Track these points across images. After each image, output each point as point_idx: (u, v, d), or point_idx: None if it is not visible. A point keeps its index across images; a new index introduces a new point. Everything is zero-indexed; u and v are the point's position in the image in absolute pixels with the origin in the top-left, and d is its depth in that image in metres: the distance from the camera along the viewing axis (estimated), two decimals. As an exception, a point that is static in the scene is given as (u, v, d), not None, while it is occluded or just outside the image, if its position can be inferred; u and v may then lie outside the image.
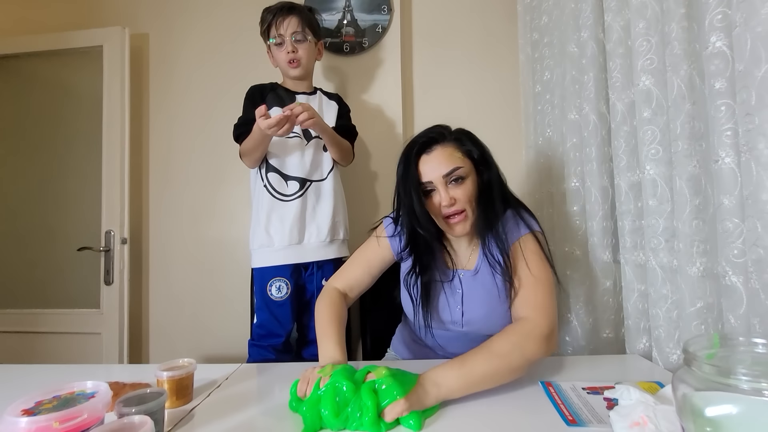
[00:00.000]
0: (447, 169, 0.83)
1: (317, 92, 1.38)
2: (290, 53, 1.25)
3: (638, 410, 0.56)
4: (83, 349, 1.67)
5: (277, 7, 1.26)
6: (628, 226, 0.96)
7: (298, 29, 1.25)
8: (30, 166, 1.83)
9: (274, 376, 0.88)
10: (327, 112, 1.36)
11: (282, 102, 1.28)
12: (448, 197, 0.83)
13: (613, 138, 0.99)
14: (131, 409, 0.58)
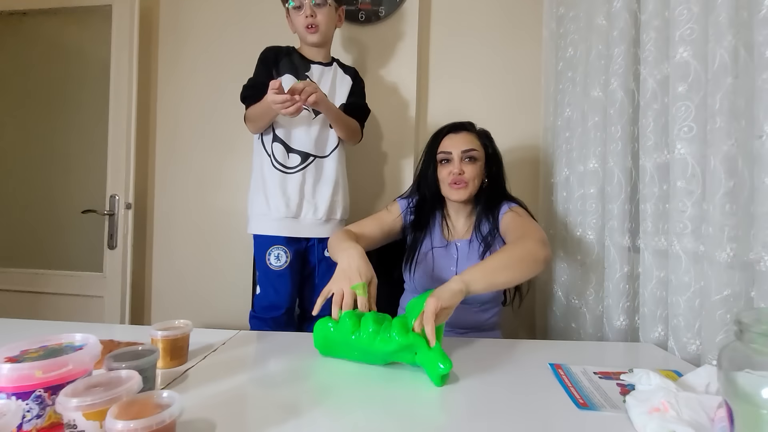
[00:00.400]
0: (467, 147, 1.04)
1: (333, 63, 1.32)
2: (309, 17, 1.19)
3: (658, 396, 0.52)
4: (86, 312, 1.67)
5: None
6: (650, 210, 0.91)
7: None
8: (34, 127, 1.81)
9: (272, 344, 0.85)
10: (340, 86, 1.30)
11: (296, 70, 1.23)
12: (460, 167, 1.03)
13: (641, 116, 0.93)
14: (121, 365, 0.55)
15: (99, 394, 0.45)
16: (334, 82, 1.29)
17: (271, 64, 1.23)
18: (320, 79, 1.26)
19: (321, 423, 0.54)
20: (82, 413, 0.43)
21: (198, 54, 1.74)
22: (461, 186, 1.03)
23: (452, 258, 1.06)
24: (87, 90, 1.76)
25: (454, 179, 1.02)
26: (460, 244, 1.07)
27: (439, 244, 1.08)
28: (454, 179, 1.02)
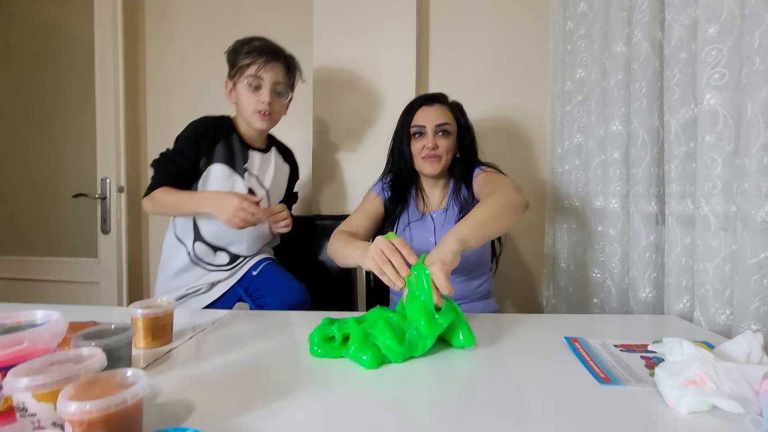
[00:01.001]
0: (441, 120, 1.02)
1: (272, 149, 1.17)
2: (265, 104, 1.03)
3: (693, 367, 0.45)
4: (82, 299, 1.64)
5: (264, 47, 1.04)
6: (675, 171, 0.83)
7: (283, 80, 1.06)
8: (21, 110, 1.75)
9: (262, 324, 0.80)
10: (279, 175, 1.17)
11: (232, 159, 1.06)
12: (433, 141, 1.01)
13: (666, 68, 0.84)
14: (90, 343, 0.50)
15: (54, 372, 0.39)
16: (277, 172, 1.15)
17: (203, 145, 1.04)
18: (259, 169, 1.11)
19: (307, 406, 0.48)
20: (32, 394, 0.38)
21: (187, 28, 1.66)
22: (435, 160, 1.02)
23: (429, 229, 1.05)
24: (74, 72, 1.69)
25: (427, 153, 1.01)
26: (436, 215, 1.06)
27: (414, 217, 1.07)
28: (428, 153, 1.01)
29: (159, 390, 0.51)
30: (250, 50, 1.03)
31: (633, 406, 0.47)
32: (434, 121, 1.02)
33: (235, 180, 1.07)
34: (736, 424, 0.42)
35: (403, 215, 1.07)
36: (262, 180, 1.12)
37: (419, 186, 1.10)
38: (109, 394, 0.37)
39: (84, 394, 0.37)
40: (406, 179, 1.08)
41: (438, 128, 1.02)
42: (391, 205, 1.07)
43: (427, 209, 1.08)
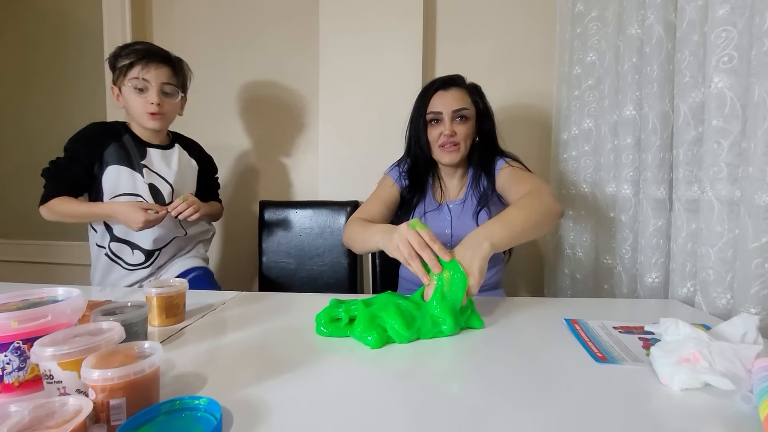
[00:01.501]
0: (458, 105, 0.97)
1: (175, 145, 1.16)
2: (153, 104, 1.03)
3: (688, 346, 0.47)
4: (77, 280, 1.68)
5: (146, 49, 1.03)
6: (683, 156, 0.82)
7: (170, 81, 1.05)
8: (31, 100, 1.78)
9: (272, 305, 0.83)
10: (184, 169, 1.16)
11: (128, 159, 1.06)
12: (451, 128, 0.97)
13: (677, 50, 0.83)
14: (109, 318, 0.53)
15: (77, 343, 0.42)
16: (179, 168, 1.14)
17: (93, 148, 1.04)
18: (160, 166, 1.10)
19: (313, 379, 0.51)
20: (57, 363, 0.40)
21: (194, 19, 1.66)
22: (453, 149, 0.98)
23: (445, 220, 1.02)
24: (84, 62, 1.71)
25: (444, 141, 0.97)
26: (453, 206, 1.03)
27: (431, 207, 1.03)
28: (445, 141, 0.97)
29: (174, 363, 0.54)
30: (130, 52, 1.02)
31: (627, 383, 0.48)
32: (451, 106, 0.96)
33: (135, 178, 1.06)
34: (727, 400, 0.43)
35: (420, 205, 1.04)
36: (164, 175, 1.10)
37: (437, 174, 1.07)
38: (129, 363, 0.40)
39: (105, 363, 0.40)
40: (424, 168, 1.04)
41: (455, 114, 0.96)
42: (409, 194, 1.04)
43: (444, 199, 1.05)
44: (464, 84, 1.02)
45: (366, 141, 1.51)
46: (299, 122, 1.65)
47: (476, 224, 0.97)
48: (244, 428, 0.39)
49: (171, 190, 1.11)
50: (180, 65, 1.10)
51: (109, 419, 0.38)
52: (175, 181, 1.12)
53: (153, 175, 1.09)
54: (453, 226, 1.01)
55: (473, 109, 1.00)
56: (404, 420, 0.41)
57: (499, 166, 1.00)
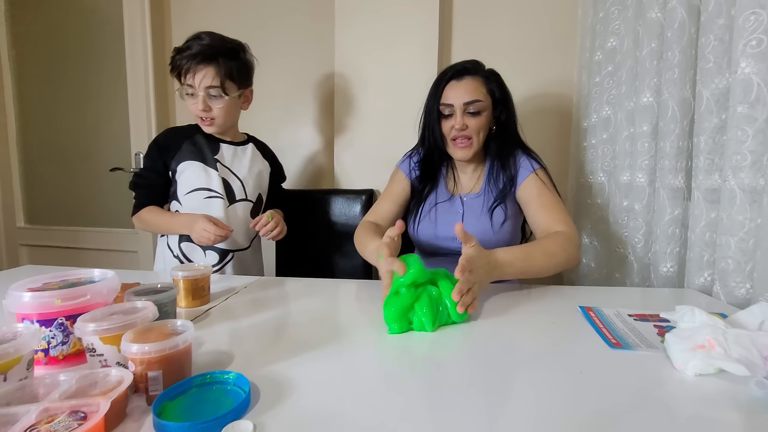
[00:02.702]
0: (470, 98, 0.93)
1: (248, 143, 1.15)
2: (201, 111, 1.01)
3: (703, 333, 0.47)
4: (122, 265, 1.75)
5: (191, 53, 0.98)
6: (704, 143, 0.81)
7: (214, 83, 0.99)
8: (62, 89, 1.84)
9: (292, 288, 0.85)
10: (255, 167, 1.14)
11: (201, 154, 1.06)
12: (462, 122, 0.93)
13: (701, 35, 0.81)
14: (141, 298, 0.56)
15: (116, 320, 0.45)
16: (252, 167, 1.13)
17: (168, 151, 1.05)
18: (232, 161, 1.10)
19: (334, 358, 0.53)
20: (99, 337, 0.43)
21: (212, 9, 1.68)
22: (464, 144, 0.95)
23: (457, 213, 0.99)
24: (106, 49, 1.75)
25: (454, 135, 0.94)
26: (467, 198, 1.00)
27: (443, 198, 1.01)
28: (454, 135, 0.94)
29: (202, 341, 0.57)
30: (177, 57, 1.00)
31: (641, 369, 0.49)
32: (462, 98, 0.92)
33: (209, 173, 1.06)
34: (741, 386, 0.44)
35: (432, 195, 1.01)
36: (235, 170, 1.10)
37: (451, 165, 1.04)
38: (163, 339, 0.42)
39: (142, 338, 0.43)
40: (437, 158, 1.01)
41: (467, 107, 0.92)
42: (420, 185, 1.02)
43: (458, 191, 1.02)
44: (480, 71, 0.96)
45: (382, 129, 1.51)
46: (315, 112, 1.67)
47: (490, 221, 0.96)
48: (270, 402, 0.42)
49: (241, 185, 1.10)
50: (229, 61, 1.01)
51: (148, 390, 0.41)
52: (245, 177, 1.11)
53: (225, 170, 1.08)
54: (465, 220, 0.99)
55: (488, 100, 0.95)
56: (421, 399, 0.43)
57: (525, 170, 0.96)
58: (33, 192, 1.94)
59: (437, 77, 0.99)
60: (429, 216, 1.00)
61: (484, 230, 0.96)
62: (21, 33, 1.86)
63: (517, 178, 0.97)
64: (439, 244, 1.00)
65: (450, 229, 0.97)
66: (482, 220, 0.97)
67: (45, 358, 0.48)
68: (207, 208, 1.05)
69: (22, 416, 0.34)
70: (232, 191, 1.09)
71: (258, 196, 1.16)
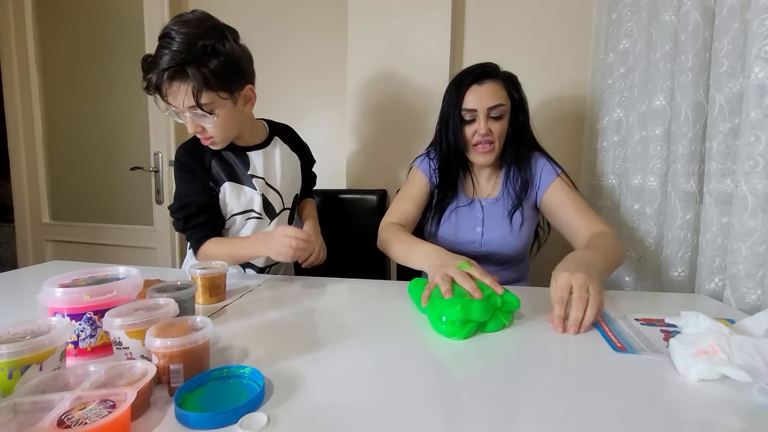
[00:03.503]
0: (493, 102, 0.92)
1: (274, 139, 1.04)
2: (195, 133, 0.88)
3: (707, 339, 0.48)
4: (141, 261, 1.82)
5: (159, 69, 0.79)
6: (716, 148, 0.80)
7: (191, 102, 0.81)
8: (84, 90, 1.90)
9: (304, 287, 0.88)
10: (287, 167, 1.04)
11: (233, 173, 0.95)
12: (486, 127, 0.92)
13: (715, 38, 0.80)
14: (162, 295, 0.59)
15: (140, 316, 0.48)
16: (284, 168, 1.04)
17: (198, 170, 0.93)
18: (266, 170, 1.00)
19: (345, 355, 0.55)
20: (125, 332, 0.46)
21: (229, 10, 1.71)
22: (488, 149, 0.94)
23: (477, 218, 1.00)
24: (126, 50, 1.81)
25: (477, 141, 0.93)
26: (486, 203, 1.01)
27: (463, 202, 1.02)
28: (477, 141, 0.93)
29: (219, 337, 0.60)
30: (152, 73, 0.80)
31: (644, 373, 0.50)
32: (486, 103, 0.91)
33: (245, 192, 0.97)
34: (743, 392, 0.44)
35: (451, 199, 1.01)
36: (270, 181, 1.01)
37: (470, 170, 1.03)
38: (184, 334, 0.45)
39: (165, 334, 0.46)
40: (456, 165, 1.00)
41: (490, 111, 0.92)
42: (440, 194, 1.01)
43: (477, 195, 1.02)
44: (499, 75, 0.95)
45: (394, 129, 1.53)
46: (327, 111, 1.69)
47: (509, 225, 0.98)
48: (283, 396, 0.44)
49: (278, 196, 1.03)
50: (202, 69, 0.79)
51: (170, 381, 0.44)
52: (281, 185, 1.03)
53: (260, 183, 0.99)
54: (485, 225, 1.00)
55: (509, 104, 0.95)
56: (428, 399, 0.45)
57: (549, 175, 0.97)
58: (57, 189, 2.01)
59: (455, 81, 0.96)
60: (449, 220, 1.01)
61: (504, 234, 0.98)
62: (47, 37, 1.93)
63: (540, 183, 0.97)
64: (458, 249, 0.97)
65: (470, 233, 1.00)
66: (502, 224, 0.99)
67: (75, 350, 0.51)
68: (246, 229, 0.99)
69: (57, 403, 0.37)
70: (272, 207, 1.01)
71: (294, 198, 1.09)
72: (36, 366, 0.42)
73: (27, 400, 0.37)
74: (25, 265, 2.05)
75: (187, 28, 0.79)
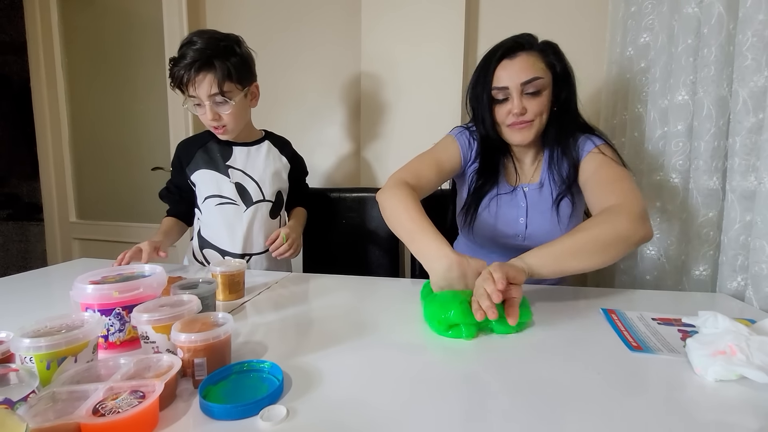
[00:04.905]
0: (527, 77, 0.80)
1: (264, 141, 1.13)
2: (212, 120, 0.99)
3: (726, 339, 0.47)
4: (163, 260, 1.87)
5: (187, 63, 0.93)
6: (739, 144, 0.78)
7: (216, 90, 0.94)
8: (107, 93, 1.97)
9: (320, 284, 0.90)
10: (271, 165, 1.12)
11: (213, 162, 1.07)
12: (520, 105, 0.81)
13: (739, 32, 0.78)
14: (185, 292, 0.61)
15: (166, 312, 0.50)
16: (268, 166, 1.11)
17: (185, 162, 1.09)
18: (246, 163, 1.09)
19: (361, 351, 0.56)
20: (152, 326, 0.49)
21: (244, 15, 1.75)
22: (524, 126, 0.83)
23: (520, 207, 0.90)
24: (146, 54, 1.86)
25: (511, 122, 0.83)
26: (528, 189, 0.90)
27: (504, 189, 0.91)
28: (512, 122, 0.83)
29: (239, 332, 0.62)
30: (174, 68, 0.96)
31: (660, 372, 0.49)
32: (519, 78, 0.80)
33: (219, 180, 1.07)
34: (762, 393, 0.44)
35: (491, 186, 0.91)
36: (249, 172, 1.09)
37: (511, 153, 0.92)
38: (207, 330, 0.47)
39: (189, 329, 0.48)
40: (496, 149, 0.90)
41: (525, 87, 0.80)
42: (481, 179, 0.91)
43: (519, 181, 0.91)
44: (534, 46, 0.83)
45: (407, 128, 1.53)
46: (341, 110, 1.71)
47: (557, 216, 0.87)
48: (300, 389, 0.46)
49: (257, 186, 1.10)
50: (225, 62, 0.95)
51: (194, 374, 0.46)
52: (260, 177, 1.10)
53: (238, 174, 1.08)
54: (528, 215, 0.89)
55: (548, 76, 0.82)
56: (442, 396, 0.46)
57: (585, 150, 0.84)
58: (83, 189, 2.09)
59: (484, 58, 0.85)
60: (489, 209, 0.91)
61: (551, 227, 0.87)
62: (71, 42, 2.00)
63: (579, 162, 0.85)
64: (497, 240, 0.92)
65: (510, 224, 0.90)
66: (547, 216, 0.88)
67: (105, 344, 0.54)
68: (221, 214, 1.07)
69: (91, 393, 0.39)
70: (248, 194, 1.08)
71: (277, 195, 1.14)
72: (71, 358, 0.44)
73: (64, 389, 0.40)
74: (54, 261, 2.14)
75: (207, 34, 0.97)
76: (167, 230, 1.09)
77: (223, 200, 1.07)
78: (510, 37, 0.84)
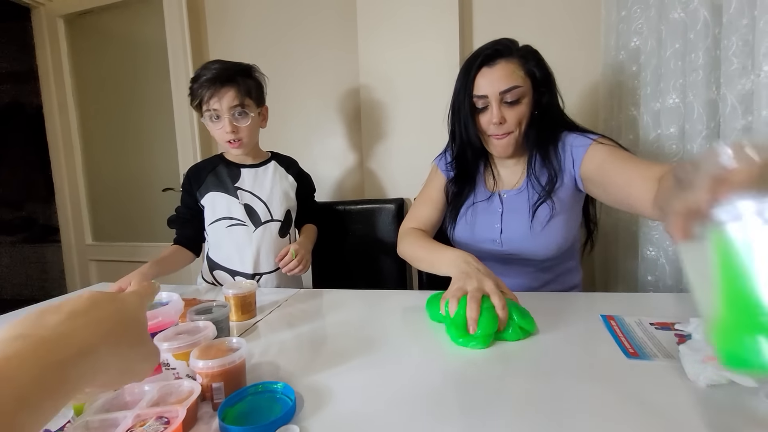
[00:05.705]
0: (505, 85, 0.82)
1: (271, 162, 1.18)
2: (228, 133, 1.04)
3: (715, 345, 0.49)
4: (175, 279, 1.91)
5: (209, 78, 1.01)
6: (729, 147, 0.80)
7: (236, 102, 1.03)
8: (115, 115, 2.04)
9: (329, 301, 0.93)
10: (278, 185, 1.16)
11: (223, 185, 1.11)
12: (499, 115, 0.83)
13: (724, 36, 0.80)
14: (200, 317, 0.65)
15: (184, 339, 0.54)
16: (275, 186, 1.15)
17: (194, 187, 1.13)
18: (254, 184, 1.14)
19: (370, 368, 0.59)
20: (172, 354, 0.52)
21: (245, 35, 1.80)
22: (503, 137, 0.85)
23: (495, 212, 0.92)
24: (152, 77, 1.93)
25: (491, 132, 0.85)
26: (507, 195, 0.92)
27: (481, 197, 0.94)
28: (492, 132, 0.85)
29: (252, 353, 0.65)
30: (195, 87, 1.04)
31: (654, 379, 0.51)
32: (497, 87, 0.81)
33: (229, 202, 1.10)
34: (752, 396, 0.46)
35: (470, 193, 0.94)
36: (257, 193, 1.13)
37: (489, 161, 0.95)
38: (223, 355, 0.51)
39: (206, 355, 0.51)
40: (472, 155, 0.92)
41: (502, 96, 0.81)
42: (457, 188, 0.94)
43: (498, 188, 0.93)
44: (514, 52, 0.84)
45: (408, 137, 1.56)
46: (342, 123, 1.74)
47: (530, 220, 0.87)
48: (312, 409, 0.49)
49: (265, 207, 1.13)
50: (246, 80, 1.06)
51: (213, 398, 0.49)
52: (268, 198, 1.14)
53: (247, 195, 1.12)
54: (503, 219, 0.91)
55: (527, 84, 0.83)
56: (452, 407, 0.49)
57: (581, 148, 0.83)
58: (97, 212, 2.16)
59: (465, 64, 0.87)
60: (465, 217, 0.94)
61: (524, 230, 0.88)
62: (81, 70, 2.08)
63: (574, 160, 0.85)
64: (477, 247, 0.94)
65: (487, 230, 0.92)
66: (522, 220, 0.89)
67: (129, 370, 0.58)
68: (230, 235, 1.10)
69: (121, 420, 0.43)
70: (257, 214, 1.12)
71: (286, 214, 1.17)
72: (100, 387, 0.48)
73: (97, 418, 0.44)
74: (72, 282, 2.21)
75: (224, 60, 1.07)
76: (161, 259, 1.09)
77: (233, 221, 1.11)
78: (490, 43, 0.85)
